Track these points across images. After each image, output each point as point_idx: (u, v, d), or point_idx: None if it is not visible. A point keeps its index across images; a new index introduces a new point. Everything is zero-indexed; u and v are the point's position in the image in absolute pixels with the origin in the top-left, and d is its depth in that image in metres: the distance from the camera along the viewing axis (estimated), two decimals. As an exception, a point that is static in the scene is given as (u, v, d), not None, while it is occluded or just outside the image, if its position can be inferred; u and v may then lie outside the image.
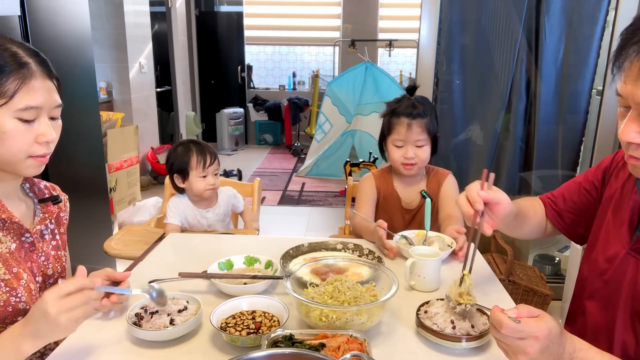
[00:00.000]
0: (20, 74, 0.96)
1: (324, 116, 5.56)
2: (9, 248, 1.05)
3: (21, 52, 0.99)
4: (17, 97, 0.96)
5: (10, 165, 1.02)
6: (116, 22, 4.55)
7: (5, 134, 0.97)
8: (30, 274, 1.07)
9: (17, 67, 0.96)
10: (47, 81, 1.01)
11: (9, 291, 1.01)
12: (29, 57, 0.99)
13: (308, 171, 5.69)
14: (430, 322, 1.01)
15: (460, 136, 2.56)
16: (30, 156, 1.02)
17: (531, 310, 0.82)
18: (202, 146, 1.92)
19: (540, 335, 0.78)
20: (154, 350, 0.98)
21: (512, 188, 2.62)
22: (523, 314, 0.80)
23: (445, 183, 1.77)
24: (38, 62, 1.01)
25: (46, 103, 1.01)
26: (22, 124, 0.98)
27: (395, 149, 1.70)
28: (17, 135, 0.98)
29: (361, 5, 6.98)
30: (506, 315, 0.80)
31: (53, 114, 1.04)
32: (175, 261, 1.39)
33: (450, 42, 2.46)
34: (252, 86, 7.67)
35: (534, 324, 0.79)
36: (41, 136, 1.01)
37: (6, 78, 0.95)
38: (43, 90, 1.00)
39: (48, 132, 1.01)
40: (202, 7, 7.26)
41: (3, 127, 0.97)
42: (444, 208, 1.73)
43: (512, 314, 0.80)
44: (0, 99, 0.96)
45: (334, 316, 0.99)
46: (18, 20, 2.41)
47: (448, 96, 2.49)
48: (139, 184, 4.34)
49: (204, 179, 1.87)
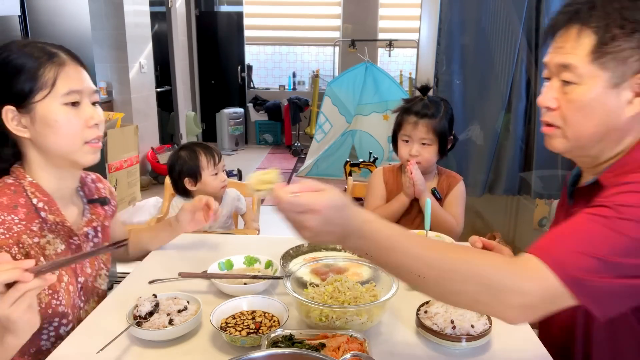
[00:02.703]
0: (53, 62, 1.01)
1: (324, 116, 5.56)
2: (56, 250, 1.06)
3: (47, 46, 1.04)
4: (58, 83, 1.00)
5: (69, 155, 1.05)
6: (116, 22, 4.55)
7: (57, 122, 1.01)
8: (72, 275, 1.10)
9: (48, 57, 1.01)
10: (78, 67, 1.05)
11: (51, 294, 1.03)
12: (55, 49, 1.04)
13: (308, 171, 5.68)
14: (430, 322, 1.01)
15: (460, 136, 2.56)
16: (85, 142, 1.05)
17: (314, 185, 0.78)
18: (206, 146, 1.93)
19: (318, 207, 0.75)
20: (154, 350, 0.98)
21: (512, 188, 2.61)
22: (304, 189, 0.77)
23: (456, 188, 1.80)
24: (65, 52, 1.05)
25: (85, 87, 1.05)
26: (70, 108, 1.02)
27: (403, 144, 1.74)
28: (68, 121, 1.01)
29: (361, 5, 6.98)
30: (287, 191, 0.76)
31: (93, 99, 1.08)
32: (175, 261, 1.39)
33: (450, 42, 2.45)
34: (252, 86, 7.66)
35: (313, 197, 0.76)
36: (90, 119, 1.04)
37: (43, 68, 0.99)
38: (79, 75, 1.04)
39: (94, 113, 1.05)
40: (202, 7, 7.26)
41: (53, 116, 1.00)
42: (450, 206, 1.77)
43: (293, 189, 0.77)
44: (44, 89, 0.99)
45: (334, 316, 0.99)
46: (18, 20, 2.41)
47: (448, 96, 2.49)
48: (139, 184, 4.35)
49: (217, 177, 1.89)
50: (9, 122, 1.01)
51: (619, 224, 0.76)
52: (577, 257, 0.75)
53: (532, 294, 0.75)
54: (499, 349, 1.00)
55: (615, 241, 0.75)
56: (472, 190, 2.53)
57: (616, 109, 0.87)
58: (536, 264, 0.76)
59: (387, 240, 0.79)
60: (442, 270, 0.79)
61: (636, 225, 0.75)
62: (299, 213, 0.76)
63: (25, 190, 1.04)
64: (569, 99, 0.90)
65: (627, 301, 0.78)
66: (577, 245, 0.76)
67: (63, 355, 0.96)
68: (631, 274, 0.74)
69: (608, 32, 0.84)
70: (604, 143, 0.91)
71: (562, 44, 0.89)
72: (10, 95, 1.00)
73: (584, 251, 0.75)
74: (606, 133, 0.89)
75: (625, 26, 0.83)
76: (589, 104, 0.87)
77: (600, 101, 0.87)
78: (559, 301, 0.76)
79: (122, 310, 1.07)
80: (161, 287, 1.23)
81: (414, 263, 0.79)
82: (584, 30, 0.86)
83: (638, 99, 0.86)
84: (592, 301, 0.75)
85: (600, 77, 0.86)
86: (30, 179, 1.05)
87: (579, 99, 0.88)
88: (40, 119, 1.00)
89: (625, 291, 0.75)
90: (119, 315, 1.08)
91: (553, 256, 0.76)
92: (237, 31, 7.37)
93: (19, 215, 1.01)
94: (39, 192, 1.05)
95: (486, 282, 0.77)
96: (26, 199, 1.03)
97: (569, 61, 0.88)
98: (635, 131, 0.90)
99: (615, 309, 0.77)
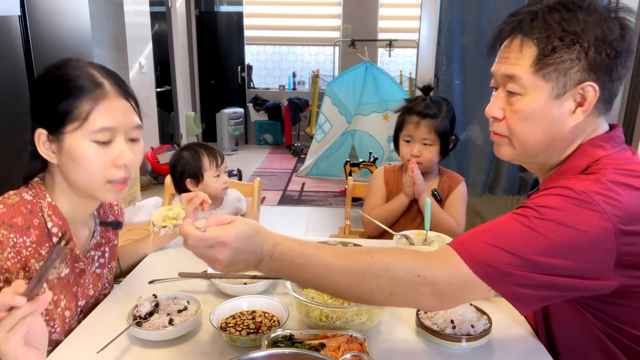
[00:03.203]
0: (93, 95, 0.95)
1: (324, 116, 5.55)
2: (59, 274, 1.04)
3: (96, 73, 0.98)
4: (91, 118, 0.94)
5: (88, 190, 1.00)
6: (116, 22, 4.55)
7: (81, 158, 0.95)
8: (71, 299, 1.06)
9: (91, 88, 0.95)
10: (122, 101, 0.99)
11: (48, 321, 1.00)
12: (103, 78, 0.98)
13: (308, 171, 5.68)
14: (430, 322, 1.01)
15: (461, 136, 2.56)
16: (109, 181, 0.99)
17: (221, 219, 0.80)
18: (208, 147, 1.93)
19: (227, 240, 0.77)
20: (154, 350, 0.98)
21: (512, 188, 2.62)
22: (211, 223, 0.79)
23: (458, 189, 1.79)
24: (113, 83, 0.99)
25: (122, 124, 0.98)
26: (98, 146, 0.96)
27: (404, 144, 1.74)
28: (93, 158, 0.96)
29: (361, 5, 6.98)
30: (193, 226, 0.77)
31: (132, 135, 1.01)
32: (175, 261, 1.39)
33: (450, 42, 2.46)
34: (252, 86, 7.66)
35: (220, 230, 0.77)
36: (118, 159, 0.97)
37: (80, 100, 0.94)
38: (118, 111, 0.97)
39: (125, 154, 0.98)
40: (202, 7, 7.26)
41: (79, 151, 0.95)
42: (450, 208, 1.76)
43: (200, 224, 0.78)
44: (74, 122, 0.94)
45: (334, 316, 0.99)
46: (18, 20, 2.41)
47: (448, 96, 2.49)
48: (139, 184, 4.35)
49: (219, 178, 1.89)
50: (40, 144, 0.98)
51: (538, 223, 0.79)
52: (490, 249, 0.79)
53: (441, 281, 0.80)
54: (499, 349, 1.00)
55: (533, 240, 0.78)
56: (472, 190, 2.53)
57: (559, 119, 0.89)
58: (449, 254, 0.82)
59: (298, 258, 0.82)
60: (353, 273, 0.82)
61: (554, 226, 0.78)
62: (208, 247, 0.77)
63: (42, 211, 1.00)
64: (513, 109, 0.91)
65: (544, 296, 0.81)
66: (493, 239, 0.80)
67: (63, 355, 0.96)
68: (548, 272, 0.77)
69: (549, 43, 0.86)
70: (549, 151, 0.93)
71: (507, 54, 0.91)
72: (46, 118, 0.97)
73: (499, 245, 0.79)
74: (551, 142, 0.91)
75: (565, 38, 0.85)
76: (533, 114, 0.89)
77: (543, 112, 0.89)
78: (472, 289, 0.80)
79: (122, 310, 1.07)
80: (161, 287, 1.23)
81: (326, 273, 0.82)
82: (526, 42, 0.88)
83: (580, 108, 0.88)
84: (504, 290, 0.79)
85: (543, 88, 0.88)
86: (50, 199, 1.02)
87: (523, 110, 0.90)
88: (67, 150, 0.96)
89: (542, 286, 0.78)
90: (119, 315, 1.08)
91: (466, 247, 0.81)
92: (237, 31, 7.37)
93: (31, 237, 0.97)
94: (56, 215, 1.01)
95: (399, 274, 0.81)
96: (40, 221, 0.99)
97: (513, 72, 0.90)
98: (580, 139, 0.92)
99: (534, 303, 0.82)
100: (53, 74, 0.98)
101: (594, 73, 0.85)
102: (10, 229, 0.94)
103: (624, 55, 0.86)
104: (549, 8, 0.87)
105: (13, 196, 1.00)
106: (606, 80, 0.86)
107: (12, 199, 0.99)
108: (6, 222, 0.94)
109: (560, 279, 0.78)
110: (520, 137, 0.92)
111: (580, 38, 0.84)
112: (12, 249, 0.94)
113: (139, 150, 1.03)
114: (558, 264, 0.77)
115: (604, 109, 0.90)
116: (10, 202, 0.98)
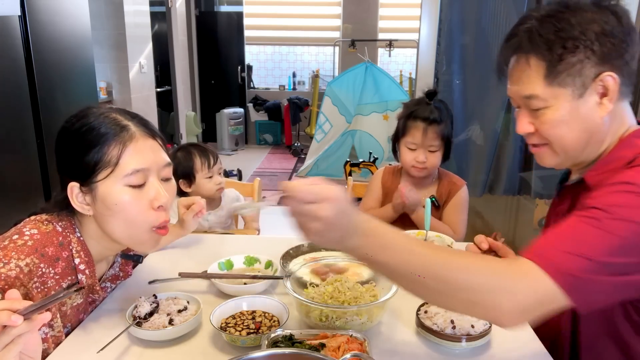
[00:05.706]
0: (120, 138, 0.94)
1: (324, 116, 5.55)
2: (72, 304, 1.03)
3: (119, 117, 0.97)
4: (121, 162, 0.93)
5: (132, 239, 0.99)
6: (116, 22, 4.54)
7: (117, 205, 0.94)
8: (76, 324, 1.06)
9: (117, 132, 0.94)
10: (149, 140, 0.98)
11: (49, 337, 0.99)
12: (128, 120, 0.97)
13: (308, 171, 5.68)
14: (430, 322, 1.01)
15: (460, 136, 2.56)
16: (153, 227, 0.97)
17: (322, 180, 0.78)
18: (202, 147, 1.93)
19: (333, 196, 0.74)
20: (154, 350, 0.98)
21: (512, 188, 2.61)
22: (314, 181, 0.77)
23: (458, 194, 1.76)
24: (137, 123, 0.98)
25: (153, 163, 0.97)
26: (132, 190, 0.94)
27: (407, 151, 1.71)
28: (129, 204, 0.94)
29: (361, 5, 6.98)
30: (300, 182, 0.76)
31: (163, 174, 1.00)
32: (175, 261, 1.39)
33: (450, 42, 2.45)
34: (252, 86, 7.66)
35: (327, 187, 0.75)
36: (155, 201, 0.96)
37: (108, 146, 0.93)
38: (147, 150, 0.97)
39: (159, 194, 0.97)
40: (202, 7, 7.26)
41: (114, 198, 0.94)
42: (449, 215, 1.74)
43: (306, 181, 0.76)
44: (105, 169, 0.93)
45: (334, 316, 0.99)
46: (18, 20, 2.41)
47: (448, 96, 2.49)
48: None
49: (211, 179, 1.89)
50: (73, 198, 0.96)
51: (610, 224, 0.78)
52: (570, 258, 0.77)
53: (524, 296, 0.76)
54: (499, 349, 1.00)
55: (606, 241, 0.77)
56: (472, 190, 2.52)
57: (589, 114, 0.90)
58: (530, 266, 0.78)
59: (390, 238, 0.79)
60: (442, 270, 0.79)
61: (626, 225, 0.77)
62: (311, 203, 0.74)
63: (71, 246, 0.99)
64: (542, 121, 0.93)
65: (614, 297, 0.80)
66: (569, 246, 0.78)
67: (63, 355, 0.96)
68: (620, 271, 0.76)
69: (553, 54, 0.87)
70: (590, 147, 0.95)
71: (517, 75, 0.94)
72: (76, 171, 0.95)
73: (576, 252, 0.77)
74: (589, 138, 0.93)
75: (567, 44, 0.87)
76: (562, 120, 0.91)
77: (572, 114, 0.90)
78: (552, 302, 0.77)
79: (122, 310, 1.07)
80: (161, 287, 1.23)
81: (417, 261, 0.79)
82: (532, 59, 0.90)
83: (605, 98, 0.89)
84: (581, 298, 0.77)
85: (563, 94, 0.89)
86: (79, 234, 1.01)
87: (552, 119, 0.92)
88: (101, 199, 0.94)
89: (614, 288, 0.78)
90: (119, 315, 1.08)
91: (546, 258, 0.78)
92: (237, 31, 7.37)
93: (57, 269, 0.96)
94: (84, 252, 1.00)
95: (482, 286, 0.78)
96: (69, 254, 0.98)
97: (529, 92, 0.91)
98: (614, 128, 0.94)
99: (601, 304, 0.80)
100: (75, 126, 0.97)
101: (606, 63, 0.87)
102: (42, 259, 0.93)
103: (629, 37, 0.88)
104: (540, 22, 0.89)
105: (46, 223, 0.98)
106: (621, 65, 0.88)
107: (46, 226, 0.97)
108: (39, 250, 0.93)
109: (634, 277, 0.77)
110: (559, 142, 0.94)
111: (581, 40, 0.86)
112: (38, 278, 0.92)
113: (173, 190, 1.02)
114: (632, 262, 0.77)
115: (627, 90, 0.92)
116: (45, 230, 0.96)
